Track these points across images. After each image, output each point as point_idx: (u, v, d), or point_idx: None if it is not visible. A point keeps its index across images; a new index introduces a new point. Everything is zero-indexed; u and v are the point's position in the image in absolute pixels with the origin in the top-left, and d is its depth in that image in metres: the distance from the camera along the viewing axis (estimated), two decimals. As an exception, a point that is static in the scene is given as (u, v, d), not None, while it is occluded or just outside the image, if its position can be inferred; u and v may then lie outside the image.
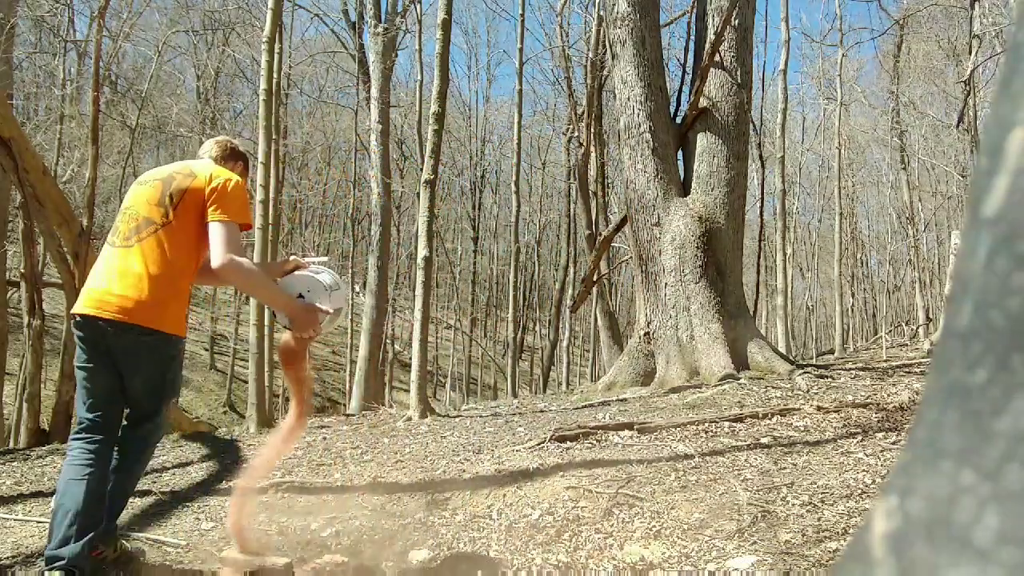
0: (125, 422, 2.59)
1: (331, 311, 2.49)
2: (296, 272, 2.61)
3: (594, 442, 4.29)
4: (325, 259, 2.79)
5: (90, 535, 2.33)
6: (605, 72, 11.45)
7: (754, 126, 9.95)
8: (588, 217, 11.88)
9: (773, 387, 5.69)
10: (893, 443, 3.76)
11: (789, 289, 16.28)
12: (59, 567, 2.27)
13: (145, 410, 2.57)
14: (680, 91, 8.08)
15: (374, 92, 12.23)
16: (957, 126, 15.21)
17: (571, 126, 14.55)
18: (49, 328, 10.55)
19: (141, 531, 3.17)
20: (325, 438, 5.47)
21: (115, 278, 2.43)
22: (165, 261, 2.44)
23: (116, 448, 2.54)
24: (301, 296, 2.53)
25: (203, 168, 2.57)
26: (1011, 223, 0.30)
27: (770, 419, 4.61)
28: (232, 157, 2.75)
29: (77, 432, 2.50)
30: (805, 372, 6.33)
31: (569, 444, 4.24)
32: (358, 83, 16.45)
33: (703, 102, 7.45)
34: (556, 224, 31.39)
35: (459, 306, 32.65)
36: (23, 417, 9.48)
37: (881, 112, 22.42)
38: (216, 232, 2.41)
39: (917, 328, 18.31)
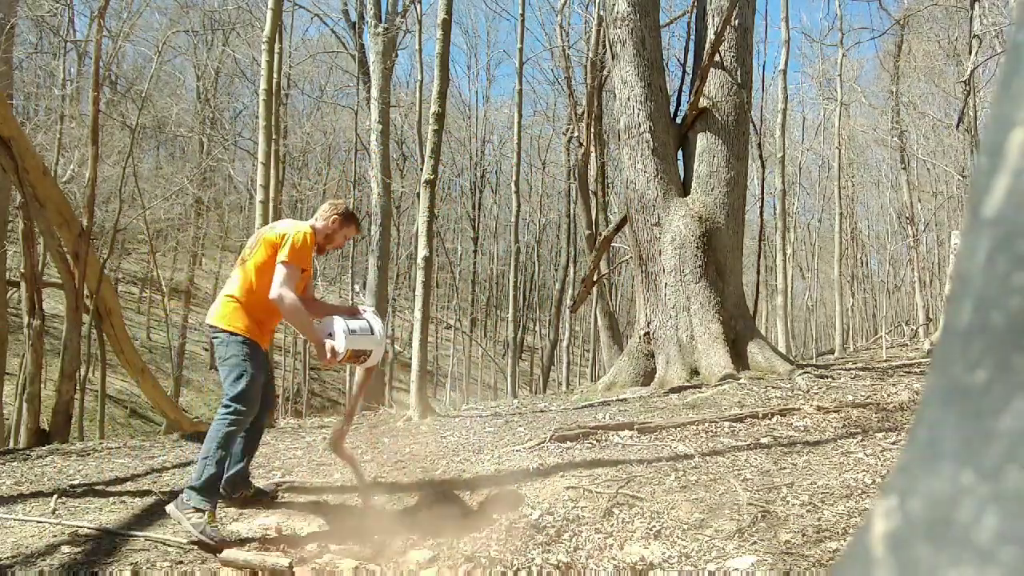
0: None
1: (341, 350, 3.10)
2: (335, 316, 3.25)
3: (594, 442, 4.29)
4: (372, 309, 3.44)
5: (226, 481, 3.31)
6: (605, 72, 11.44)
7: (754, 126, 9.94)
8: (588, 217, 11.87)
9: (773, 387, 5.68)
10: (893, 443, 3.76)
11: (789, 289, 16.26)
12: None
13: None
14: (680, 91, 8.08)
15: (374, 92, 12.23)
16: (957, 126, 15.21)
17: (571, 126, 14.55)
18: (49, 328, 10.55)
19: (141, 531, 3.17)
20: (325, 438, 5.47)
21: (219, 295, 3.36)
22: (243, 284, 3.25)
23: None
24: (331, 335, 3.16)
25: (283, 225, 3.34)
26: (1011, 223, 0.30)
27: (770, 419, 4.61)
28: (344, 222, 3.42)
29: None
30: (805, 372, 6.33)
31: (569, 444, 4.23)
32: (358, 83, 16.46)
33: (703, 102, 7.44)
34: (556, 224, 31.38)
35: (459, 306, 32.65)
36: (23, 417, 9.47)
37: (881, 112, 22.42)
38: (276, 271, 3.13)
39: (917, 328, 18.31)
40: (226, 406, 3.13)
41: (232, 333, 3.19)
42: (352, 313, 3.37)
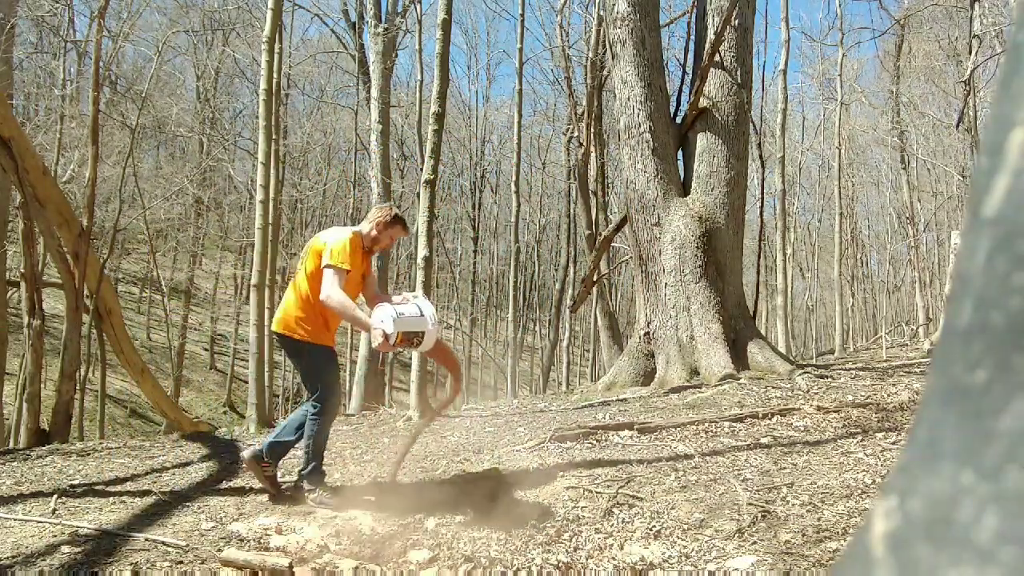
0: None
1: (389, 333, 3.27)
2: (385, 304, 3.45)
3: (594, 442, 4.29)
4: (416, 293, 3.67)
5: (268, 444, 3.61)
6: (605, 72, 11.44)
7: (754, 126, 9.94)
8: (588, 217, 11.87)
9: (773, 387, 5.68)
10: (893, 443, 3.76)
11: (789, 289, 16.27)
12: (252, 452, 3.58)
13: (308, 392, 3.64)
14: (680, 91, 8.07)
15: (374, 92, 12.23)
16: (957, 126, 15.21)
17: (571, 126, 14.54)
18: (49, 328, 10.55)
19: (141, 531, 3.17)
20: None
21: (280, 304, 3.68)
22: (298, 293, 3.55)
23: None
24: (382, 322, 3.36)
25: (325, 234, 3.61)
26: (1011, 223, 0.30)
27: (770, 419, 4.61)
28: (391, 224, 3.67)
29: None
30: (805, 372, 6.33)
31: (569, 444, 4.23)
32: (358, 83, 16.45)
33: (703, 102, 7.44)
34: (556, 224, 31.37)
35: (459, 306, 32.64)
36: (23, 417, 9.47)
37: (881, 112, 22.42)
38: (323, 275, 3.39)
39: (917, 328, 18.32)
40: (314, 405, 3.54)
41: (295, 340, 3.52)
42: (403, 301, 3.57)
